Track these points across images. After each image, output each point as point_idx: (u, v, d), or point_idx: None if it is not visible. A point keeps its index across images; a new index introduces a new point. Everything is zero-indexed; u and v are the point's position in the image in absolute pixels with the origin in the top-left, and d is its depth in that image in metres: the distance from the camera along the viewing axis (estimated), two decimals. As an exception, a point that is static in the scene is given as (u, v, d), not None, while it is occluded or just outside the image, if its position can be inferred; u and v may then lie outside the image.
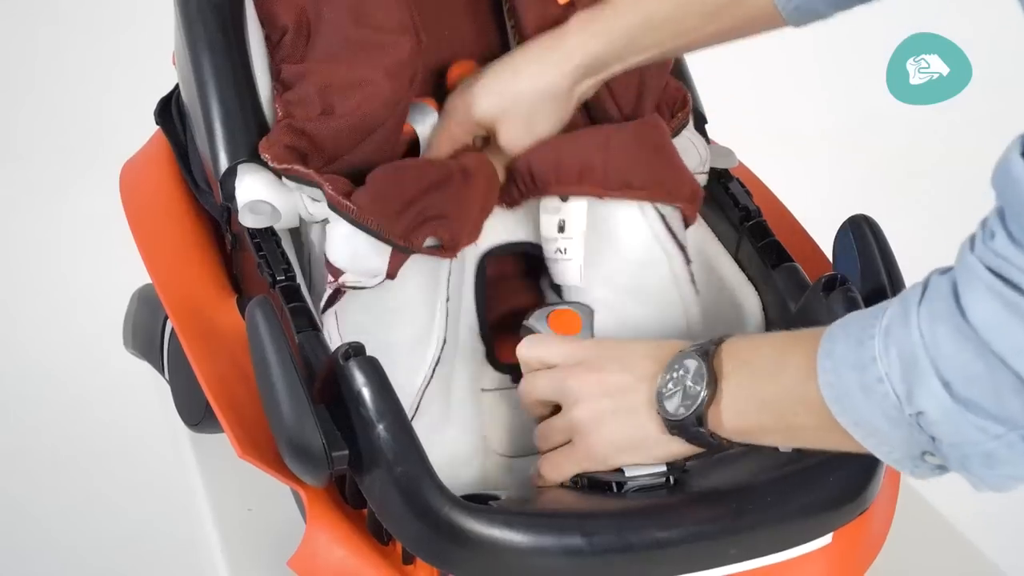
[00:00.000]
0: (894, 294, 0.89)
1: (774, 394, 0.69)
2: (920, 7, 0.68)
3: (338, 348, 0.75)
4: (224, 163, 0.86)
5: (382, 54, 0.88)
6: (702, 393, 0.70)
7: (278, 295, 0.83)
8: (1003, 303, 0.56)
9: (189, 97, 0.94)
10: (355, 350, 0.75)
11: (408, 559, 0.77)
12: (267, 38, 0.91)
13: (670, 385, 0.72)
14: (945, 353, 0.58)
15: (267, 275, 0.84)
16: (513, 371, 0.88)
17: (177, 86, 1.00)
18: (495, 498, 0.78)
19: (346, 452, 0.74)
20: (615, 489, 0.76)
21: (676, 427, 0.72)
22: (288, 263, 0.85)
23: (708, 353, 0.71)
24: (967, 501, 1.19)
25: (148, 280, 0.98)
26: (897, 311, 0.61)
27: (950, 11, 1.72)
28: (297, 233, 0.89)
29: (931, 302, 0.60)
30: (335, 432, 0.74)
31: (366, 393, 0.73)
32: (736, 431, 0.71)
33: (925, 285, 0.61)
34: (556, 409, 0.79)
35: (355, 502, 0.79)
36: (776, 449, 0.89)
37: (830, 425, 0.64)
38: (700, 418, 0.71)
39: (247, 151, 0.86)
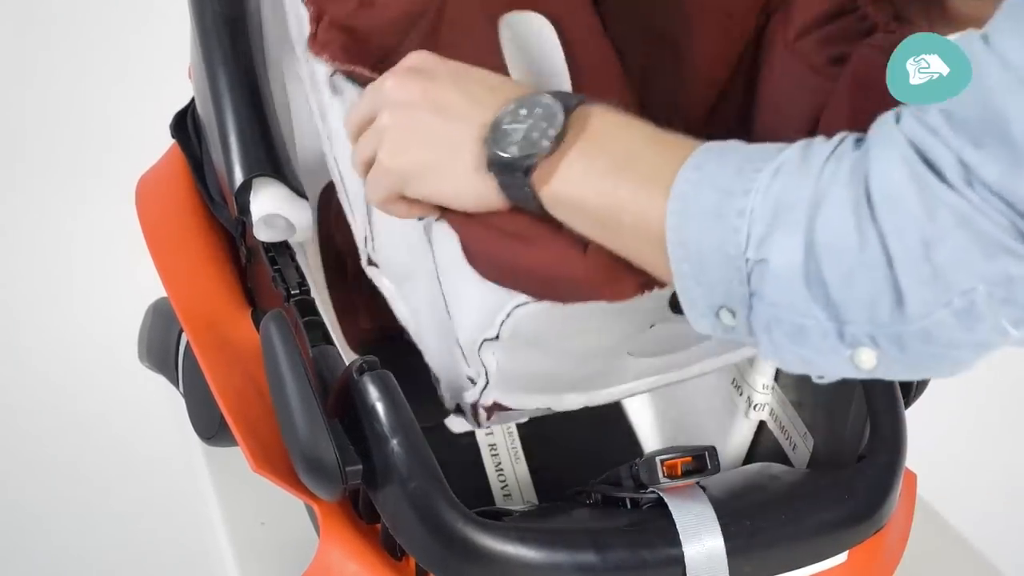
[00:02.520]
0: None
1: (616, 179, 0.62)
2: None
3: (352, 363, 0.75)
4: (239, 177, 0.86)
5: None
6: (544, 142, 0.63)
7: (292, 309, 0.83)
8: (914, 181, 0.52)
9: (205, 111, 0.94)
10: (369, 365, 0.75)
11: (421, 574, 0.77)
12: None
13: (510, 121, 0.64)
14: (827, 215, 0.54)
15: (282, 289, 0.84)
16: None
17: (193, 100, 1.00)
18: (508, 514, 0.78)
19: (360, 467, 0.74)
20: (629, 505, 0.76)
21: (498, 166, 0.64)
22: (302, 277, 0.85)
23: (570, 107, 0.64)
24: (967, 503, 1.19)
25: (161, 292, 0.98)
26: (796, 156, 0.57)
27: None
28: None
29: (838, 161, 0.55)
30: (349, 447, 0.74)
31: (380, 408, 0.73)
32: (556, 198, 0.64)
33: (836, 144, 0.57)
34: None
35: (369, 517, 0.79)
36: (788, 461, 0.90)
37: (650, 235, 0.60)
38: (529, 167, 0.63)
39: (262, 165, 0.87)
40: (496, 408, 0.74)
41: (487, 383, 0.72)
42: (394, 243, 0.80)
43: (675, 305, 0.69)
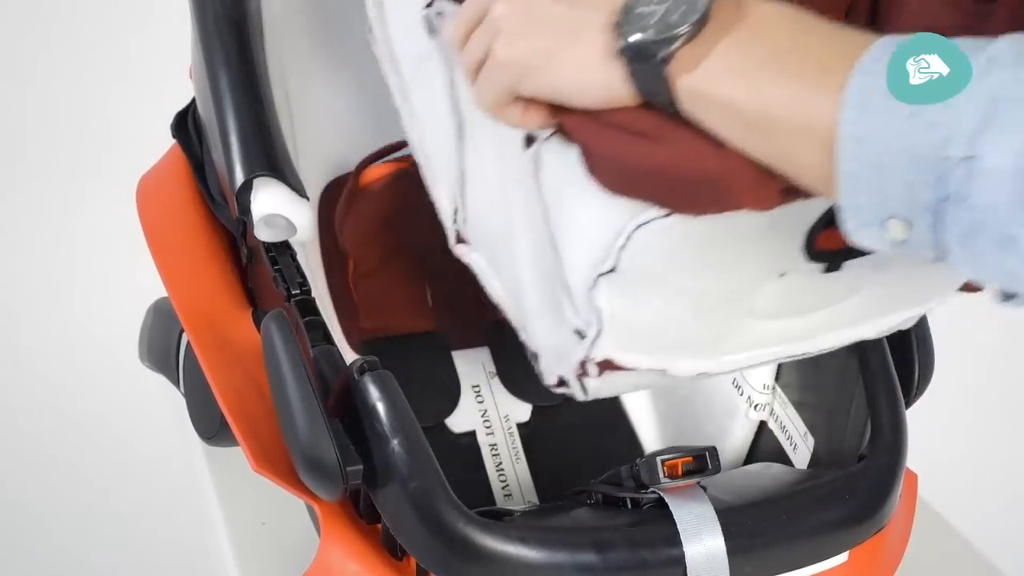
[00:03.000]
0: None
1: (773, 72, 0.55)
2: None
3: (352, 363, 0.75)
4: (240, 177, 0.86)
5: None
6: (684, 26, 0.57)
7: (293, 309, 0.83)
8: None
9: (205, 111, 0.94)
10: (370, 365, 0.75)
11: (422, 574, 0.77)
12: None
13: (645, 4, 0.58)
14: None
15: (282, 289, 0.84)
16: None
17: (193, 100, 1.00)
18: (509, 514, 0.78)
19: (360, 467, 0.74)
20: (629, 505, 0.76)
21: (630, 51, 0.58)
22: (303, 277, 0.85)
23: None
24: (968, 503, 1.19)
25: (162, 292, 0.98)
26: (1011, 49, 0.50)
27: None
28: None
29: None
30: (349, 447, 0.74)
31: (381, 408, 0.73)
32: (696, 92, 0.57)
33: None
34: None
35: (369, 517, 0.79)
36: (789, 461, 0.90)
37: (812, 135, 0.53)
38: (666, 56, 0.57)
39: (263, 165, 0.87)
40: (607, 367, 0.68)
41: (599, 332, 0.66)
42: (489, 202, 0.76)
43: (810, 249, 0.66)
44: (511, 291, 0.77)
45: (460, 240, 0.82)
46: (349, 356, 0.99)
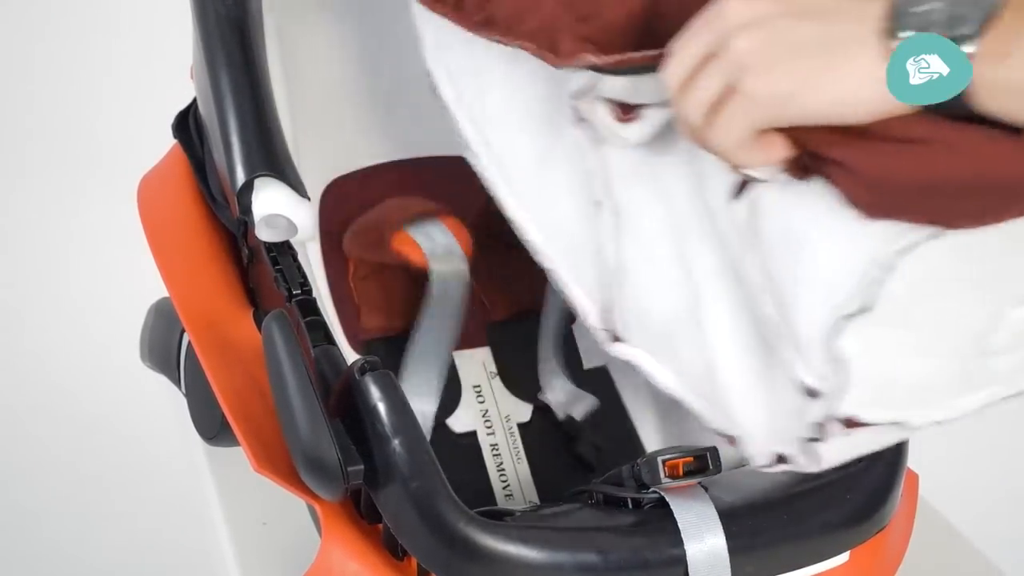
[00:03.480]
0: None
1: None
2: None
3: (353, 363, 0.75)
4: (241, 177, 0.86)
5: None
6: (977, 13, 0.51)
7: (294, 309, 0.83)
8: None
9: (207, 111, 0.94)
10: (371, 365, 0.75)
11: (423, 574, 0.77)
12: None
13: (917, 4, 0.53)
14: None
15: (283, 289, 0.84)
16: None
17: (194, 100, 1.00)
18: (510, 514, 0.78)
19: (361, 467, 0.74)
20: (631, 505, 0.76)
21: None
22: (304, 277, 0.85)
23: None
24: (969, 503, 1.20)
25: (163, 292, 0.98)
26: None
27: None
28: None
29: None
30: (350, 447, 0.74)
31: (382, 408, 0.73)
32: (1005, 84, 0.52)
33: None
34: None
35: (370, 517, 0.79)
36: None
37: None
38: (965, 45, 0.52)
39: (264, 165, 0.87)
40: (850, 424, 0.62)
41: (840, 385, 0.60)
42: (659, 285, 0.72)
43: None
44: (694, 378, 0.74)
45: (616, 339, 0.78)
46: (350, 356, 0.99)
